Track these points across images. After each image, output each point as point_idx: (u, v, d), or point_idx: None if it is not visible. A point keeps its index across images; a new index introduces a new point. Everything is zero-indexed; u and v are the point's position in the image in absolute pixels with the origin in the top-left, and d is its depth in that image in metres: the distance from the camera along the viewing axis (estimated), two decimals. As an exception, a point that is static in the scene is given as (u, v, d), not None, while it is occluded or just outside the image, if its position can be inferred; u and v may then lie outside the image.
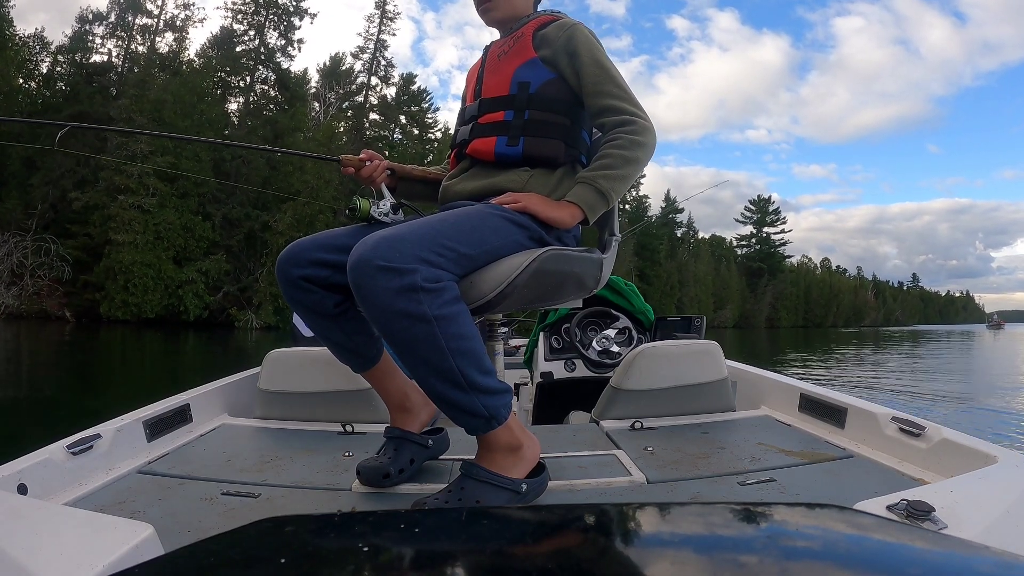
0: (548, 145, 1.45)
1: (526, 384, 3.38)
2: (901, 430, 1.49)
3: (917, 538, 0.50)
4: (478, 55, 1.69)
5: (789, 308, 78.54)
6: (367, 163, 1.56)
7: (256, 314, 30.27)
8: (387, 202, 1.46)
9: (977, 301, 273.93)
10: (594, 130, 1.61)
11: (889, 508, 0.92)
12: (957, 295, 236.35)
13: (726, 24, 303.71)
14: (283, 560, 0.40)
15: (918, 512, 0.89)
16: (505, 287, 1.22)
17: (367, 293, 1.07)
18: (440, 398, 1.14)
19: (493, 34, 1.69)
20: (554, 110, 1.46)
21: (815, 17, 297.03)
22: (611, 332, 2.97)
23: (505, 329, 1.91)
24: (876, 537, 0.47)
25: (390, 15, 41.34)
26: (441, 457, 1.51)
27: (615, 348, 2.91)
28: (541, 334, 3.18)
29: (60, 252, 27.83)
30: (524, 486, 1.18)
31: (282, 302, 29.95)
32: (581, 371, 2.99)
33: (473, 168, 1.52)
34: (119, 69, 33.61)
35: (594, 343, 2.93)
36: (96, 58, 33.80)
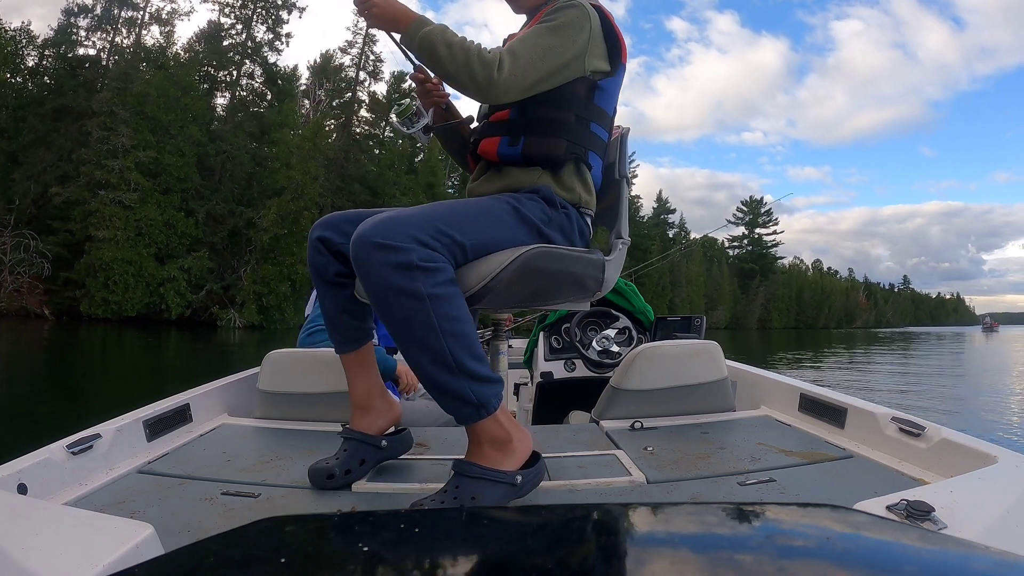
0: (547, 144, 1.43)
1: (526, 384, 3.38)
2: (901, 430, 1.49)
3: (917, 538, 0.50)
4: None
5: (781, 309, 78.83)
6: (440, 86, 1.63)
7: (239, 313, 29.79)
8: (428, 120, 1.58)
9: (968, 303, 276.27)
10: (615, 126, 1.62)
11: (889, 508, 0.92)
12: (948, 297, 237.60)
13: (725, 26, 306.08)
14: (283, 560, 0.41)
15: (918, 512, 0.89)
16: (488, 281, 1.22)
17: (366, 269, 1.11)
18: (431, 382, 1.15)
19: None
20: (558, 105, 1.44)
21: (814, 20, 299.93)
22: (611, 332, 2.97)
23: (507, 329, 1.81)
24: (876, 537, 0.48)
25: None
26: (438, 457, 1.52)
27: (615, 348, 2.90)
28: (541, 334, 3.18)
29: (40, 248, 27.29)
30: (519, 478, 1.18)
31: (266, 300, 29.71)
32: (581, 371, 2.99)
33: (490, 169, 1.52)
34: (104, 62, 33.08)
35: (594, 343, 2.92)
36: (81, 51, 33.30)
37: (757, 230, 79.81)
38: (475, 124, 1.65)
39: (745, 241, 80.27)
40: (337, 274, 1.42)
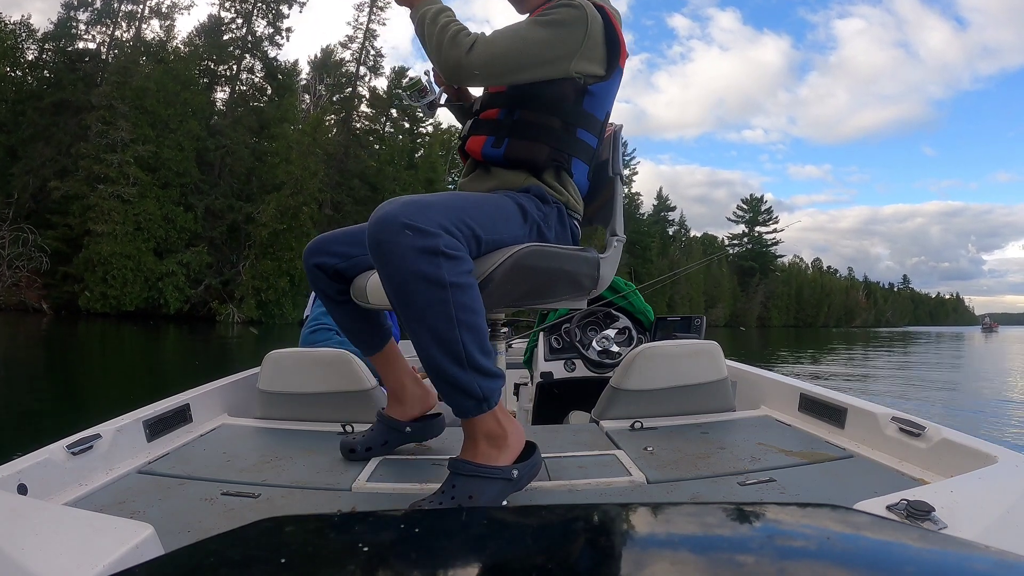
0: (529, 148, 1.43)
1: (526, 384, 3.37)
2: (901, 430, 1.48)
3: (917, 538, 0.51)
4: None
5: (780, 308, 78.81)
6: None
7: (238, 308, 29.78)
8: (433, 96, 1.69)
9: (967, 303, 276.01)
10: (608, 125, 1.59)
11: (889, 508, 0.92)
12: (947, 297, 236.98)
13: (727, 24, 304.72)
14: (283, 560, 0.41)
15: (918, 512, 0.89)
16: (480, 281, 1.21)
17: (388, 249, 1.07)
18: (439, 372, 1.13)
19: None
20: (544, 110, 1.43)
21: (816, 18, 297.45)
22: (611, 332, 2.96)
23: (506, 329, 1.91)
24: (876, 537, 0.48)
25: (380, 4, 40.74)
26: (438, 457, 1.52)
27: (615, 348, 2.89)
28: (541, 334, 3.18)
29: (38, 242, 27.25)
30: (515, 472, 1.17)
31: (264, 296, 29.71)
32: (581, 371, 2.99)
33: (478, 168, 1.53)
34: (103, 56, 33.00)
35: (594, 343, 2.92)
36: (81, 45, 33.25)
37: (757, 228, 79.86)
38: (469, 119, 1.66)
39: (745, 239, 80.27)
40: (340, 292, 1.48)
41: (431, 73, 1.68)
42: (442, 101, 1.75)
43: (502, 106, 1.47)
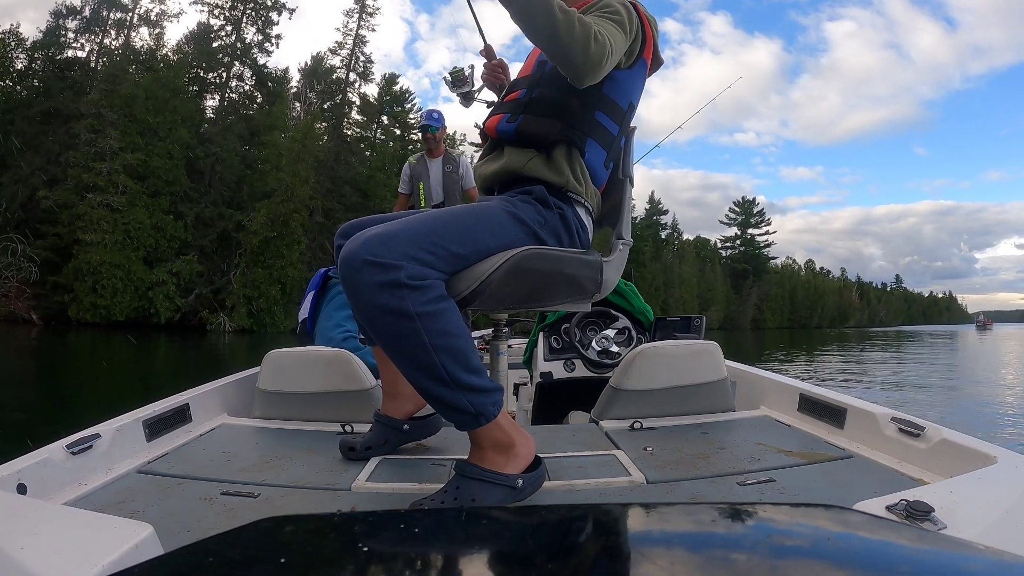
0: (541, 123, 1.43)
1: (526, 384, 3.38)
2: (901, 430, 1.48)
3: (916, 538, 0.51)
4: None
5: (774, 309, 79.08)
6: (499, 69, 1.84)
7: (229, 317, 29.53)
8: (469, 88, 1.83)
9: (960, 302, 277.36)
10: (632, 123, 1.60)
11: (888, 508, 0.91)
12: (940, 296, 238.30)
13: (718, 28, 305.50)
14: (283, 560, 0.41)
15: (918, 512, 0.89)
16: (477, 285, 1.21)
17: (352, 287, 1.10)
18: (426, 393, 1.15)
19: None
20: (562, 88, 1.42)
21: (807, 21, 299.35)
22: (611, 332, 2.97)
23: (506, 329, 1.94)
24: (875, 537, 0.48)
25: (369, 11, 40.73)
26: (438, 457, 1.53)
27: (615, 348, 2.91)
28: (540, 334, 3.19)
29: (27, 252, 26.99)
30: (520, 481, 1.19)
31: (256, 304, 29.52)
32: (581, 371, 3.00)
33: (494, 150, 1.54)
34: (93, 64, 32.85)
35: (593, 343, 2.93)
36: (70, 54, 33.05)
37: (749, 231, 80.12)
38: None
39: (737, 242, 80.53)
40: None
41: (475, 69, 1.77)
42: (478, 96, 1.84)
43: (525, 88, 1.50)
